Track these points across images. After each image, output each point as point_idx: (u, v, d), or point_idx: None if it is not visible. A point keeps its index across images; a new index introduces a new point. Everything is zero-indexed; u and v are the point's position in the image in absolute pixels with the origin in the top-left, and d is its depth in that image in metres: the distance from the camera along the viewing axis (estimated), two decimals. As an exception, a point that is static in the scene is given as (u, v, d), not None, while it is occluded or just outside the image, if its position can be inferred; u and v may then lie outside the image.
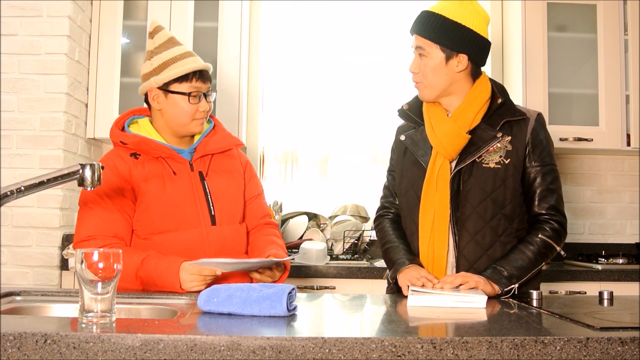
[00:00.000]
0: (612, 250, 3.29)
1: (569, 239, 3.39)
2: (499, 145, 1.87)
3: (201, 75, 1.95)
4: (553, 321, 1.35)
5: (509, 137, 1.87)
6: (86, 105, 3.05)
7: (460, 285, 1.70)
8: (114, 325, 1.22)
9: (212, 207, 1.94)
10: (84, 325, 1.21)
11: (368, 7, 3.46)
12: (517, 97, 3.18)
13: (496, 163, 1.86)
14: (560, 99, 3.18)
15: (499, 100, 1.90)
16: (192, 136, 2.05)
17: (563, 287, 2.80)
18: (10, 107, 2.79)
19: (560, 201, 1.90)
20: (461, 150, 1.87)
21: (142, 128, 2.00)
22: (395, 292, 1.95)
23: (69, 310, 1.61)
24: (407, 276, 1.79)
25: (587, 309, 1.51)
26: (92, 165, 1.59)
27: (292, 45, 3.48)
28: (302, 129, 3.46)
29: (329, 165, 3.46)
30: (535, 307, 1.55)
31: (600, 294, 1.66)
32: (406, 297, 1.70)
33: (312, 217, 3.28)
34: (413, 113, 2.00)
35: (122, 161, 1.92)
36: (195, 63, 1.94)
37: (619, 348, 1.15)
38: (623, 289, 2.74)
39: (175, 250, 1.85)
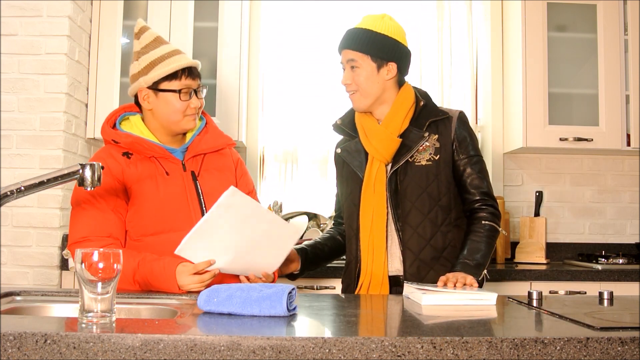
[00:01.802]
0: (612, 250, 3.29)
1: (569, 239, 3.44)
2: (427, 144, 2.03)
3: (190, 72, 1.94)
4: (553, 321, 1.35)
5: (436, 136, 2.04)
6: (86, 105, 3.05)
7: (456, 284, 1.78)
8: (114, 325, 1.22)
9: (204, 208, 1.93)
10: (84, 325, 1.21)
11: (368, 7, 3.46)
12: (517, 97, 3.19)
13: (427, 160, 2.02)
14: (560, 99, 3.18)
15: (421, 103, 2.07)
16: (184, 135, 2.04)
17: (563, 287, 2.80)
18: (10, 107, 2.79)
19: (490, 187, 2.07)
20: (394, 153, 2.02)
21: (135, 126, 1.98)
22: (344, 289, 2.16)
23: (69, 310, 1.61)
24: None
25: (587, 309, 1.51)
26: (92, 165, 1.59)
27: (292, 45, 3.48)
28: (302, 129, 3.46)
29: (329, 165, 3.46)
30: (535, 307, 1.55)
31: (600, 294, 1.66)
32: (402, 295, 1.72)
33: (312, 217, 3.28)
34: (346, 126, 2.17)
35: (115, 161, 1.91)
36: (183, 60, 1.93)
37: (619, 348, 1.15)
38: (623, 289, 2.75)
39: (167, 251, 1.82)
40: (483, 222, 2.00)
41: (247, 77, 3.29)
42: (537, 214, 3.28)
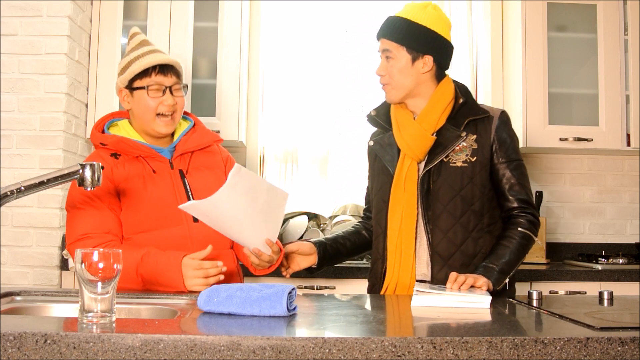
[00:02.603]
0: (612, 250, 3.29)
1: (569, 238, 3.44)
2: (464, 144, 1.92)
3: (163, 69, 1.92)
4: (553, 321, 1.35)
5: (474, 136, 1.93)
6: (86, 105, 3.05)
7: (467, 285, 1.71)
8: (114, 325, 1.22)
9: None
10: (84, 325, 1.21)
11: (368, 7, 3.46)
12: (517, 97, 3.19)
13: (463, 162, 1.91)
14: (560, 99, 3.18)
15: (461, 100, 1.96)
16: (172, 135, 2.03)
17: (563, 287, 2.80)
18: (10, 107, 2.79)
19: (530, 194, 1.96)
20: (428, 152, 1.93)
21: (122, 129, 2.00)
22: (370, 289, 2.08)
23: (69, 310, 1.61)
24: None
25: (587, 309, 1.51)
26: (92, 165, 1.59)
27: (292, 45, 3.48)
28: (302, 129, 3.45)
29: (329, 165, 3.45)
30: (535, 307, 1.55)
31: (600, 294, 1.66)
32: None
33: (312, 217, 3.28)
34: (380, 118, 2.07)
35: (104, 162, 1.90)
36: (155, 58, 1.92)
37: (619, 348, 1.15)
38: (623, 289, 2.74)
39: (159, 248, 1.83)
40: (519, 228, 1.89)
41: (247, 77, 3.29)
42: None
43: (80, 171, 1.58)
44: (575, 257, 3.31)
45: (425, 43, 1.94)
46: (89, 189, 1.60)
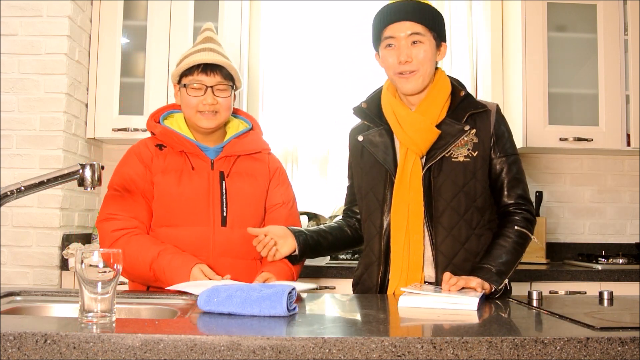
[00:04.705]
0: (612, 250, 3.29)
1: (569, 239, 3.44)
2: (466, 138, 1.86)
3: (206, 68, 1.93)
4: (553, 321, 1.35)
5: (474, 130, 1.87)
6: (86, 105, 3.05)
7: (463, 288, 1.66)
8: (114, 325, 1.22)
9: (224, 208, 1.92)
10: (83, 325, 1.21)
11: (368, 7, 3.46)
12: (517, 97, 3.19)
13: (465, 157, 1.85)
14: (560, 99, 3.18)
15: (462, 94, 1.89)
16: (225, 134, 2.05)
17: (563, 287, 2.80)
18: (10, 107, 2.79)
19: (526, 189, 1.91)
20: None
21: (175, 122, 2.03)
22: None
23: (69, 310, 1.61)
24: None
25: (587, 309, 1.51)
26: (92, 165, 1.59)
27: (292, 45, 3.48)
28: (302, 129, 3.45)
29: (329, 165, 3.45)
30: (535, 307, 1.55)
31: (600, 294, 1.66)
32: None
33: (312, 217, 3.28)
34: (371, 112, 1.97)
35: (147, 150, 1.96)
36: (202, 56, 1.93)
37: (619, 348, 1.15)
38: (623, 289, 2.75)
39: (179, 245, 1.86)
40: (515, 227, 1.83)
41: (247, 77, 3.29)
42: (537, 214, 3.28)
43: (80, 171, 1.58)
44: (575, 257, 3.31)
45: (443, 31, 1.89)
46: (88, 189, 1.60)
